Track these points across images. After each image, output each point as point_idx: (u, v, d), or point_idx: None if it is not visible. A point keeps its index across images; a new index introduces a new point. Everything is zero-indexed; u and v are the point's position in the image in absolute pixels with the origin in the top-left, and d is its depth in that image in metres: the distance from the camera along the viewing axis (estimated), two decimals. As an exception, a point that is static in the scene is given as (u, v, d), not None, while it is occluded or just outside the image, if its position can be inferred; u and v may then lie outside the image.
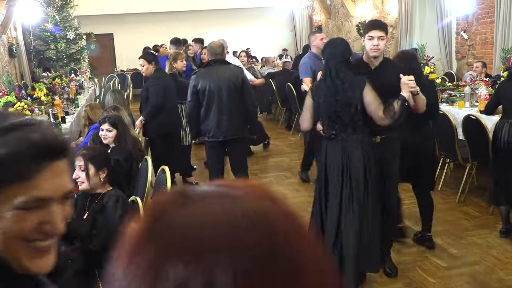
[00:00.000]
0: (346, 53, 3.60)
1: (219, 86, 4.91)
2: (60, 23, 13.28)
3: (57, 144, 0.93)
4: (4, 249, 0.90)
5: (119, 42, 17.20)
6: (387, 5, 12.65)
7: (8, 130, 0.88)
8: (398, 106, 3.40)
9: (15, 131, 0.89)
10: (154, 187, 3.92)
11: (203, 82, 4.97)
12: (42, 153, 0.90)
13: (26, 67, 12.38)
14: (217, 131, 4.99)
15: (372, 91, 3.49)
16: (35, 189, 0.89)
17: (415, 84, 3.47)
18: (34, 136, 0.89)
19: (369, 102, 3.48)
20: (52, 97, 7.56)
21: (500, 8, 8.35)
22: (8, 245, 0.90)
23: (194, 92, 5.00)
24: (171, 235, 0.54)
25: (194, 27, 15.79)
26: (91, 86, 12.26)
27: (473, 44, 9.59)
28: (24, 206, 0.89)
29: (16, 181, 0.88)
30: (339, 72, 3.53)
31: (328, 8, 16.29)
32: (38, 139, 0.90)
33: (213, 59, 5.12)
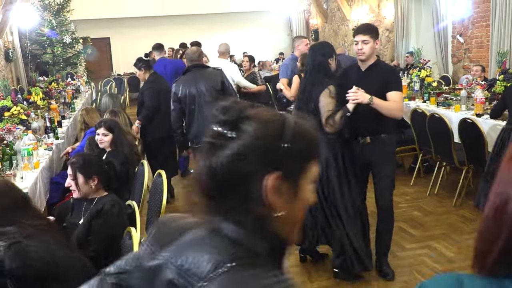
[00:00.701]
0: (323, 56, 3.81)
1: (199, 91, 4.96)
2: (57, 27, 13.26)
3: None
4: (297, 220, 1.04)
5: (116, 46, 17.20)
6: (383, 9, 12.68)
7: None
8: (339, 117, 3.59)
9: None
10: (151, 191, 3.91)
11: (183, 88, 5.02)
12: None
13: (23, 71, 12.36)
14: (203, 136, 4.94)
15: (328, 97, 3.66)
16: (316, 166, 1.04)
17: (356, 96, 3.53)
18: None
19: (320, 107, 3.69)
20: (48, 101, 7.53)
21: (496, 12, 8.38)
22: (300, 216, 1.05)
23: (176, 100, 5.06)
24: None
25: (191, 31, 15.80)
26: (88, 90, 12.24)
27: (469, 47, 9.62)
28: (315, 179, 1.04)
29: (315, 158, 1.03)
30: (311, 73, 3.82)
31: (324, 12, 16.33)
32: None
33: (191, 65, 5.17)
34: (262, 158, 0.96)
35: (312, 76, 3.81)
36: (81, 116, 5.57)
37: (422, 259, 4.28)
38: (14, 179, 4.00)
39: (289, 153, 0.98)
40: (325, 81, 3.75)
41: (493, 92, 6.07)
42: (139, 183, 4.08)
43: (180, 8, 16.04)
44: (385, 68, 3.91)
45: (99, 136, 4.16)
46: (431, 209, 5.41)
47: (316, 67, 3.80)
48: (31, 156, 4.43)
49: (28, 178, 4.15)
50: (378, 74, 3.72)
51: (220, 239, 0.99)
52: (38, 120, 6.03)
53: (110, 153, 4.12)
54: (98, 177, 3.13)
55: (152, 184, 3.92)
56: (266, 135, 0.98)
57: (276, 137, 0.98)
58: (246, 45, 17.04)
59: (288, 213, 0.99)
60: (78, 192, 3.09)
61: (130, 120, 5.43)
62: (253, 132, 0.97)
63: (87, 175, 3.10)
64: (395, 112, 3.66)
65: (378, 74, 3.72)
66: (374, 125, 3.72)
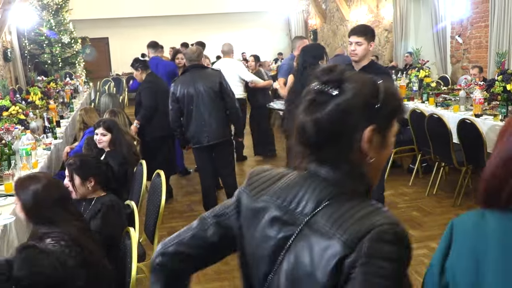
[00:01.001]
0: (314, 58, 3.89)
1: (197, 91, 4.95)
2: (55, 27, 13.25)
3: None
4: (380, 167, 1.26)
5: (115, 46, 17.20)
6: (382, 9, 12.69)
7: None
8: None
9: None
10: (149, 191, 3.90)
11: (181, 88, 5.01)
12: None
13: (21, 71, 12.34)
14: (201, 136, 5.02)
15: None
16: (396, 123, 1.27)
17: None
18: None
19: None
20: (47, 101, 7.52)
21: (495, 13, 8.38)
22: (383, 163, 1.26)
23: (174, 99, 5.05)
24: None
25: (190, 31, 15.81)
26: (86, 90, 12.23)
27: (467, 48, 9.62)
28: (396, 134, 1.25)
29: (399, 116, 1.23)
30: (302, 75, 3.89)
31: (323, 13, 16.33)
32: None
33: (190, 65, 5.16)
34: (363, 113, 1.15)
35: (303, 77, 3.84)
36: (80, 116, 5.56)
37: (421, 259, 4.27)
38: (13, 179, 3.98)
39: (382, 110, 1.17)
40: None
41: (492, 92, 6.07)
42: (138, 183, 4.07)
43: (178, 8, 16.04)
44: (379, 70, 3.89)
45: (98, 136, 4.15)
46: (430, 210, 5.41)
47: (306, 68, 3.85)
48: (29, 156, 4.42)
49: (27, 178, 4.14)
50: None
51: (319, 181, 1.19)
52: (37, 120, 6.02)
53: (108, 153, 4.12)
54: (95, 178, 3.13)
55: (150, 184, 3.91)
56: (365, 94, 1.17)
57: (373, 96, 1.17)
58: (245, 45, 17.04)
59: (376, 160, 1.20)
60: (75, 193, 3.09)
61: (129, 120, 5.42)
62: (354, 91, 1.16)
63: (83, 177, 3.10)
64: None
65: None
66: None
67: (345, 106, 1.15)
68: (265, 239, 1.22)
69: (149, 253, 3.71)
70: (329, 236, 1.09)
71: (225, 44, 7.41)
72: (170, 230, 5.21)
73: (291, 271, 1.16)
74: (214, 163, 5.23)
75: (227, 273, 4.26)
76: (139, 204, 3.84)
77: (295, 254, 1.15)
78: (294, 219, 1.17)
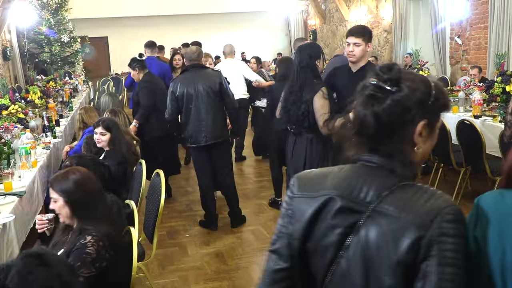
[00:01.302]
0: (310, 58, 3.82)
1: (196, 91, 4.94)
2: (55, 26, 13.23)
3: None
4: (425, 156, 1.44)
5: (114, 46, 17.19)
6: (381, 10, 12.70)
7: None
8: (339, 124, 3.40)
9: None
10: (149, 190, 3.91)
11: (180, 88, 5.00)
12: None
13: (20, 70, 12.32)
14: (199, 136, 5.01)
15: (323, 99, 3.71)
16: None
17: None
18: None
19: (315, 109, 3.75)
20: (46, 100, 7.53)
21: (494, 14, 8.39)
22: (427, 153, 1.44)
23: (173, 98, 5.04)
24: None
25: (190, 31, 15.81)
26: (86, 89, 12.23)
27: (467, 49, 9.63)
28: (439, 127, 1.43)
29: (445, 111, 1.41)
30: (299, 74, 3.83)
31: (322, 13, 16.34)
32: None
33: (190, 65, 5.17)
34: (418, 109, 1.31)
35: (300, 78, 3.83)
36: (79, 115, 5.56)
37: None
38: (12, 178, 3.99)
39: (434, 106, 1.35)
40: (314, 83, 3.78)
41: (491, 94, 6.08)
42: (137, 183, 4.08)
43: (178, 8, 16.03)
44: (375, 70, 3.87)
45: (97, 135, 4.15)
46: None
47: (303, 68, 3.82)
48: (29, 155, 4.42)
49: (26, 177, 4.14)
50: (367, 77, 3.67)
51: (377, 170, 1.34)
52: (36, 119, 6.02)
53: (107, 152, 4.12)
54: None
55: (150, 184, 3.92)
56: (421, 92, 1.33)
57: (426, 93, 1.34)
58: (245, 45, 17.05)
59: (423, 149, 1.37)
60: None
61: (129, 119, 5.43)
62: (411, 89, 1.32)
63: None
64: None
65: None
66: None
67: (403, 102, 1.30)
68: (331, 229, 1.33)
69: (148, 252, 3.72)
70: (400, 219, 1.24)
71: (227, 45, 7.53)
72: (169, 230, 5.22)
73: (361, 253, 1.28)
74: (212, 163, 5.22)
75: (226, 273, 4.27)
76: (139, 203, 3.84)
77: (365, 238, 1.27)
78: (360, 206, 1.30)
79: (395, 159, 1.33)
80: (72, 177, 2.47)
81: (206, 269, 4.36)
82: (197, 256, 4.65)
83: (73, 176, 2.47)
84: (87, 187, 2.49)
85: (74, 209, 2.45)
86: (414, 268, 1.21)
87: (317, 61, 3.87)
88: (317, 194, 1.37)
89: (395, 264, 1.22)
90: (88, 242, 2.34)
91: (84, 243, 2.34)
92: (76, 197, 2.44)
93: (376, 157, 1.34)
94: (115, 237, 2.45)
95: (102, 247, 2.35)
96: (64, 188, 2.45)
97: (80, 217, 2.45)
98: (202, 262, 4.51)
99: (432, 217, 1.22)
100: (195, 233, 5.16)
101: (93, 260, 2.30)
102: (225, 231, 5.18)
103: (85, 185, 2.48)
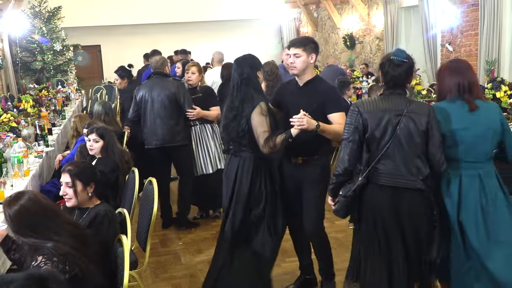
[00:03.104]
0: (251, 69, 3.55)
1: (152, 96, 5.31)
2: (47, 35, 13.23)
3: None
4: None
5: (107, 54, 17.17)
6: (373, 17, 12.79)
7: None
8: (280, 140, 3.34)
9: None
10: (142, 198, 3.90)
11: (140, 93, 5.42)
12: None
13: (13, 79, 12.30)
14: (151, 139, 5.35)
15: (261, 116, 3.42)
16: None
17: (303, 122, 3.20)
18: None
19: (253, 126, 3.46)
20: (38, 109, 7.52)
21: (484, 21, 8.47)
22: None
23: (134, 102, 5.51)
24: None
25: (182, 39, 15.82)
26: (78, 98, 12.21)
27: (458, 56, 9.70)
28: None
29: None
30: (240, 88, 3.56)
31: (315, 21, 16.43)
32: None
33: (152, 72, 5.57)
34: (410, 72, 3.04)
35: (241, 91, 3.54)
36: (73, 123, 5.56)
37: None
38: (4, 187, 3.98)
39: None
40: (254, 97, 3.51)
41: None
42: (130, 191, 4.07)
43: (171, 16, 16.05)
44: (323, 85, 3.58)
45: (90, 142, 4.14)
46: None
47: (244, 81, 3.54)
48: (21, 163, 4.41)
49: (18, 186, 4.13)
50: (315, 92, 3.49)
51: (399, 95, 2.95)
52: (29, 128, 6.02)
53: (100, 160, 4.10)
54: (95, 184, 3.12)
55: (143, 192, 3.91)
56: (412, 63, 3.07)
57: (413, 67, 3.07)
58: (238, 52, 16.92)
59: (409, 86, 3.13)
60: (76, 199, 3.05)
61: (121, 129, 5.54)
62: (411, 63, 3.06)
63: (85, 182, 3.06)
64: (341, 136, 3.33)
65: (316, 92, 3.49)
66: (310, 145, 3.47)
67: (408, 68, 2.95)
68: (387, 125, 2.87)
69: (141, 260, 3.71)
70: (420, 114, 2.88)
71: (216, 53, 7.66)
72: (162, 238, 5.21)
73: (405, 132, 2.86)
74: (168, 167, 5.62)
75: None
76: (132, 212, 3.83)
77: (406, 125, 2.86)
78: (400, 111, 2.88)
79: (403, 91, 2.99)
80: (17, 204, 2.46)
81: (200, 277, 4.36)
82: (191, 264, 4.65)
83: (20, 202, 2.47)
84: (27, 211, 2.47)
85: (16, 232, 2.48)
86: (427, 133, 2.87)
87: (258, 72, 3.61)
88: (376, 110, 2.92)
89: (421, 131, 2.87)
90: (40, 262, 2.31)
91: (37, 265, 2.31)
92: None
93: (397, 91, 2.96)
94: (76, 248, 2.41)
95: (58, 261, 2.32)
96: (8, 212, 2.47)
97: (24, 235, 2.44)
98: (195, 270, 4.50)
99: (429, 111, 2.90)
100: (188, 241, 5.15)
101: None
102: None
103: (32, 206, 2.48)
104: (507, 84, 5.96)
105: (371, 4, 12.83)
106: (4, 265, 3.20)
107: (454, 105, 2.94)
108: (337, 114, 3.42)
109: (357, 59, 13.75)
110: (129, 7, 15.59)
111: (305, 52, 3.43)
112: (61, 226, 2.48)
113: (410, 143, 2.85)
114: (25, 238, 2.43)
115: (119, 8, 15.52)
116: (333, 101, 3.47)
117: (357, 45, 13.82)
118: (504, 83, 5.99)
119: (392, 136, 2.85)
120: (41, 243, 2.39)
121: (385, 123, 2.86)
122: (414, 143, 2.85)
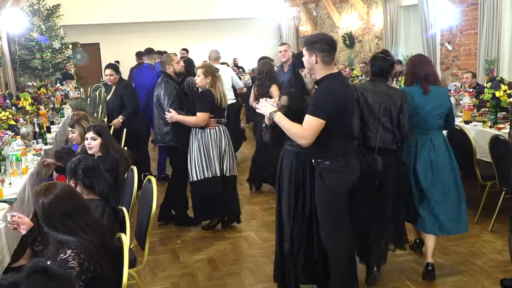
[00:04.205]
0: (301, 62, 3.47)
1: (155, 94, 5.55)
2: (46, 33, 13.21)
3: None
4: None
5: (105, 52, 17.14)
6: (372, 16, 12.78)
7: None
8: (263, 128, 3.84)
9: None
10: (140, 197, 3.89)
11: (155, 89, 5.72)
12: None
13: (11, 77, 12.29)
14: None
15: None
16: None
17: (259, 107, 3.42)
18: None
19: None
20: (37, 107, 7.49)
21: (484, 20, 8.47)
22: None
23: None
24: None
25: (182, 37, 15.81)
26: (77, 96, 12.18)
27: (457, 55, 9.71)
28: None
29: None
30: (298, 77, 3.80)
31: (314, 19, 16.41)
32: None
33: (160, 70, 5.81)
34: (392, 66, 4.21)
35: (299, 80, 3.73)
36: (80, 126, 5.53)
37: (411, 264, 4.30)
38: (2, 185, 3.97)
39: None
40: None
41: (481, 99, 6.13)
42: (129, 189, 4.06)
43: (170, 15, 16.03)
44: (321, 86, 3.37)
45: (88, 140, 4.13)
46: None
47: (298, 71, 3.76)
48: (19, 161, 4.40)
49: (17, 184, 4.12)
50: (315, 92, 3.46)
51: (382, 82, 3.97)
52: (27, 126, 6.00)
53: (100, 158, 4.08)
54: (76, 181, 3.12)
55: (142, 190, 3.90)
56: (393, 61, 4.36)
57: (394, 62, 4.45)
58: (237, 51, 17.07)
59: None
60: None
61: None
62: (392, 59, 4.23)
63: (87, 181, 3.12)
64: (296, 138, 3.24)
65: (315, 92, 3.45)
66: (313, 146, 3.28)
67: (390, 64, 3.99)
68: (379, 100, 3.83)
69: (139, 259, 3.70)
70: (395, 95, 3.87)
71: (213, 51, 7.76)
72: (161, 236, 5.21)
73: (388, 107, 3.82)
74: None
75: (219, 279, 4.26)
76: (130, 210, 3.82)
77: (387, 102, 3.82)
78: (384, 93, 3.87)
79: (385, 78, 3.97)
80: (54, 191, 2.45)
81: (198, 275, 4.35)
82: (189, 262, 4.64)
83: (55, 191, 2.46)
84: (68, 200, 2.47)
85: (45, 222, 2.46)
86: (401, 109, 3.82)
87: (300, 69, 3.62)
88: (373, 93, 3.87)
89: (397, 109, 3.82)
90: (69, 256, 2.31)
91: (65, 258, 2.31)
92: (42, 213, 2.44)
93: (380, 79, 3.92)
94: (98, 248, 2.41)
95: (84, 259, 2.32)
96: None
97: (52, 228, 2.43)
98: (194, 269, 4.50)
99: (402, 94, 3.89)
100: (187, 240, 5.15)
101: (77, 274, 2.28)
102: (217, 237, 5.18)
103: (66, 199, 2.47)
104: (507, 83, 5.95)
105: (370, 3, 12.82)
106: (2, 263, 3.19)
107: (414, 89, 3.99)
108: (308, 116, 3.20)
109: (356, 58, 13.75)
110: (128, 5, 15.58)
111: (308, 52, 3.31)
112: (88, 222, 2.48)
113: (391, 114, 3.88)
114: (53, 230, 2.42)
115: (118, 6, 15.51)
116: (313, 103, 3.27)
117: (356, 44, 13.82)
118: (504, 82, 5.98)
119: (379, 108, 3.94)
120: (68, 237, 2.38)
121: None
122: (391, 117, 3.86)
